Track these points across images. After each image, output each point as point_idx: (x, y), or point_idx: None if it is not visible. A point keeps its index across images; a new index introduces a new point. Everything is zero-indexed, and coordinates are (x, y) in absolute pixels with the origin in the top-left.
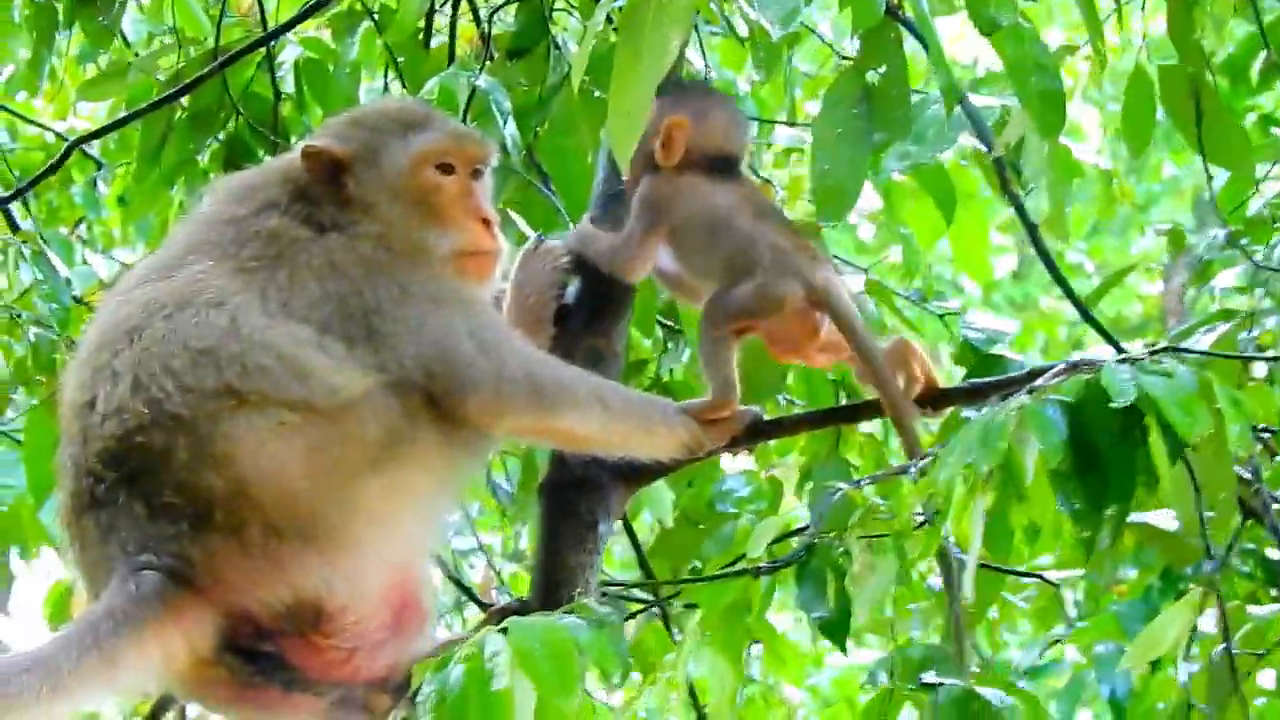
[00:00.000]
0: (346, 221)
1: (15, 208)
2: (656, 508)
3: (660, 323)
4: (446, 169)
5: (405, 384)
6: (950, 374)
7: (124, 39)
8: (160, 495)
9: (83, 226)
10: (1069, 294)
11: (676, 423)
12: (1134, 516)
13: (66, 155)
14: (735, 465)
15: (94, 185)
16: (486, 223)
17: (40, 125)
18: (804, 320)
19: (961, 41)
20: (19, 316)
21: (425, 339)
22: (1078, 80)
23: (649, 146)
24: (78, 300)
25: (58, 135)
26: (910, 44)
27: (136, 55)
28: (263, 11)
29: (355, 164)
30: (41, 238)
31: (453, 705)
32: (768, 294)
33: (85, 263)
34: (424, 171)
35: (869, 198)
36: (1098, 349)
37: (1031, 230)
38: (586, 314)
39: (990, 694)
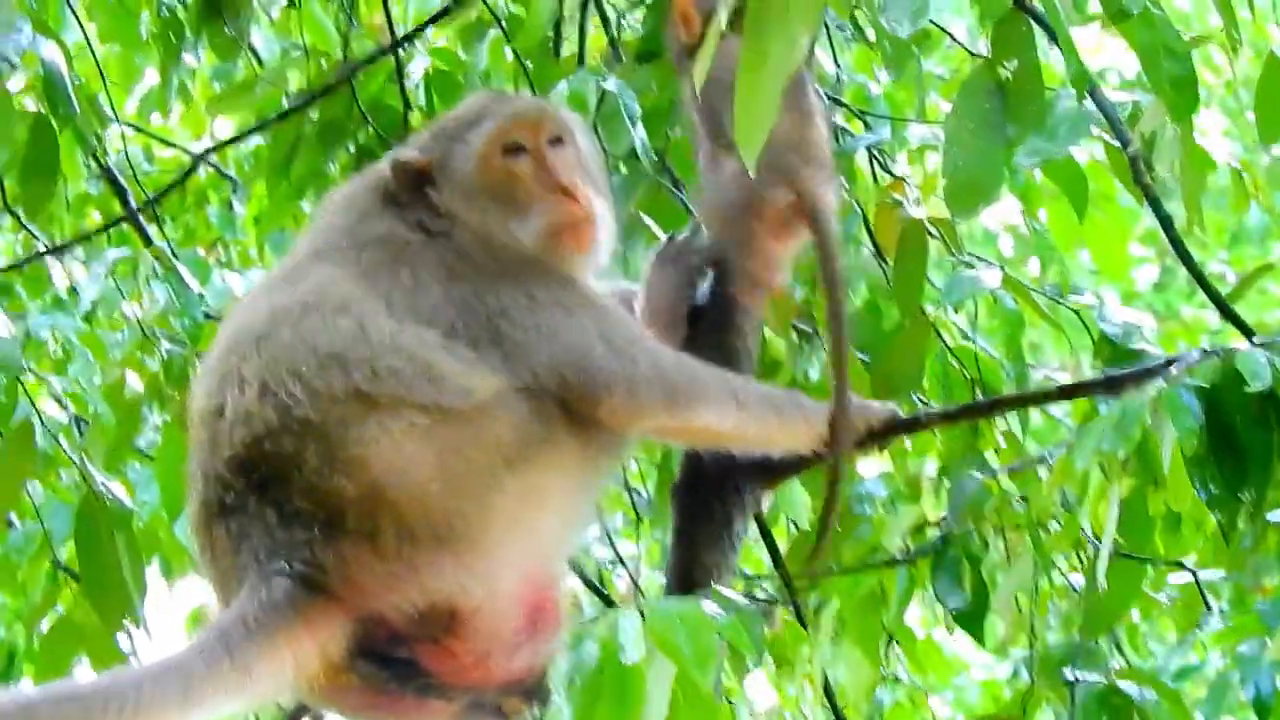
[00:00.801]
0: (443, 229)
1: (151, 230)
2: (793, 510)
3: (795, 326)
4: (515, 150)
5: (537, 389)
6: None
7: (254, 53)
8: (291, 501)
9: (219, 247)
10: (1204, 286)
11: (813, 417)
12: (1274, 516)
13: (195, 166)
14: (872, 467)
15: (230, 205)
16: (568, 190)
17: (173, 145)
18: (780, 233)
19: (1098, 54)
20: (152, 334)
21: (557, 345)
22: (1219, 77)
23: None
24: (211, 317)
25: (191, 155)
26: (1045, 45)
27: (265, 68)
28: (390, 22)
29: (435, 174)
30: (173, 253)
31: (585, 680)
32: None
33: (223, 281)
34: (492, 162)
35: (1008, 209)
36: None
37: (1166, 222)
38: (718, 313)
39: (1131, 689)
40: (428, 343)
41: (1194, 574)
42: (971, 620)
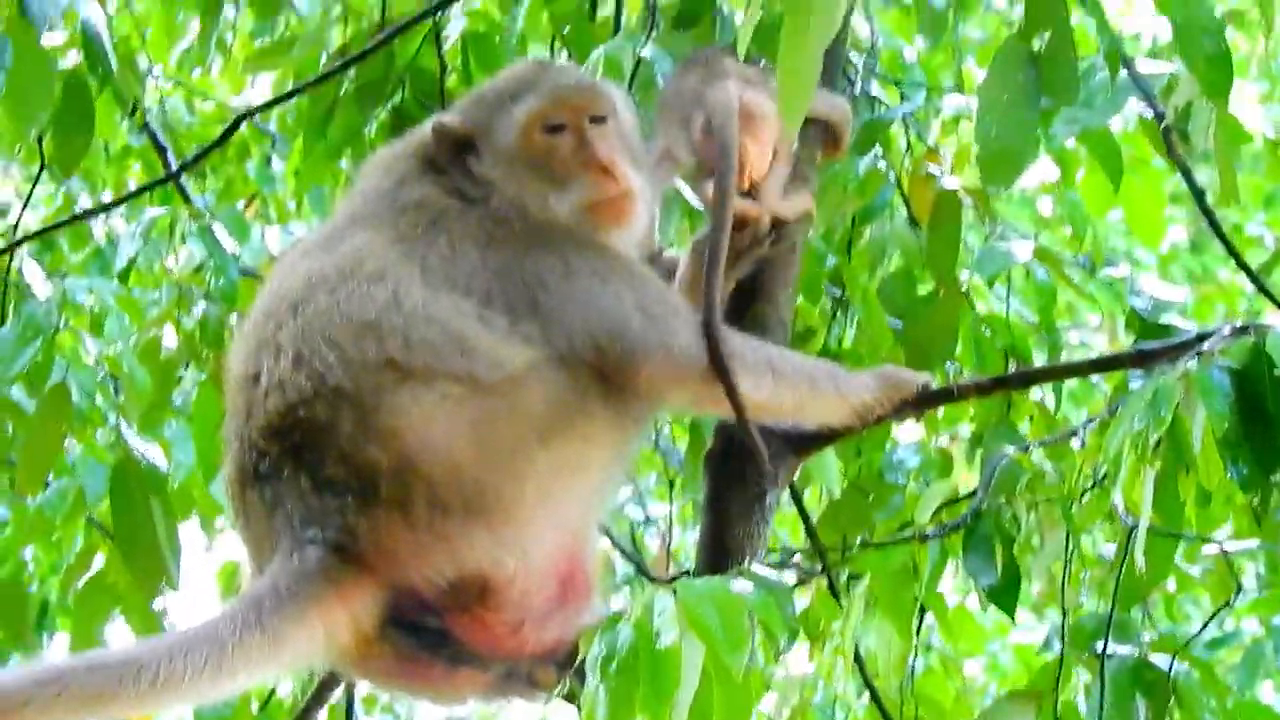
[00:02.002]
0: (481, 196)
1: (190, 182)
2: (825, 478)
3: (828, 291)
4: (556, 129)
5: (572, 358)
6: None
7: (295, 11)
8: (324, 469)
9: (257, 201)
10: (1238, 260)
11: (846, 388)
12: None
13: (234, 128)
14: (905, 435)
15: (268, 160)
16: (607, 168)
17: (214, 100)
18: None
19: (1128, 17)
20: (188, 293)
21: (594, 314)
22: (1252, 49)
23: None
24: (247, 274)
25: (233, 110)
26: (1079, 16)
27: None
28: None
29: (478, 141)
30: (209, 213)
31: (621, 664)
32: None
33: (263, 238)
34: (533, 137)
35: (1046, 169)
36: (1272, 317)
37: (1199, 195)
38: (753, 280)
39: (1163, 662)
40: (463, 312)
41: (1224, 551)
42: (1003, 597)
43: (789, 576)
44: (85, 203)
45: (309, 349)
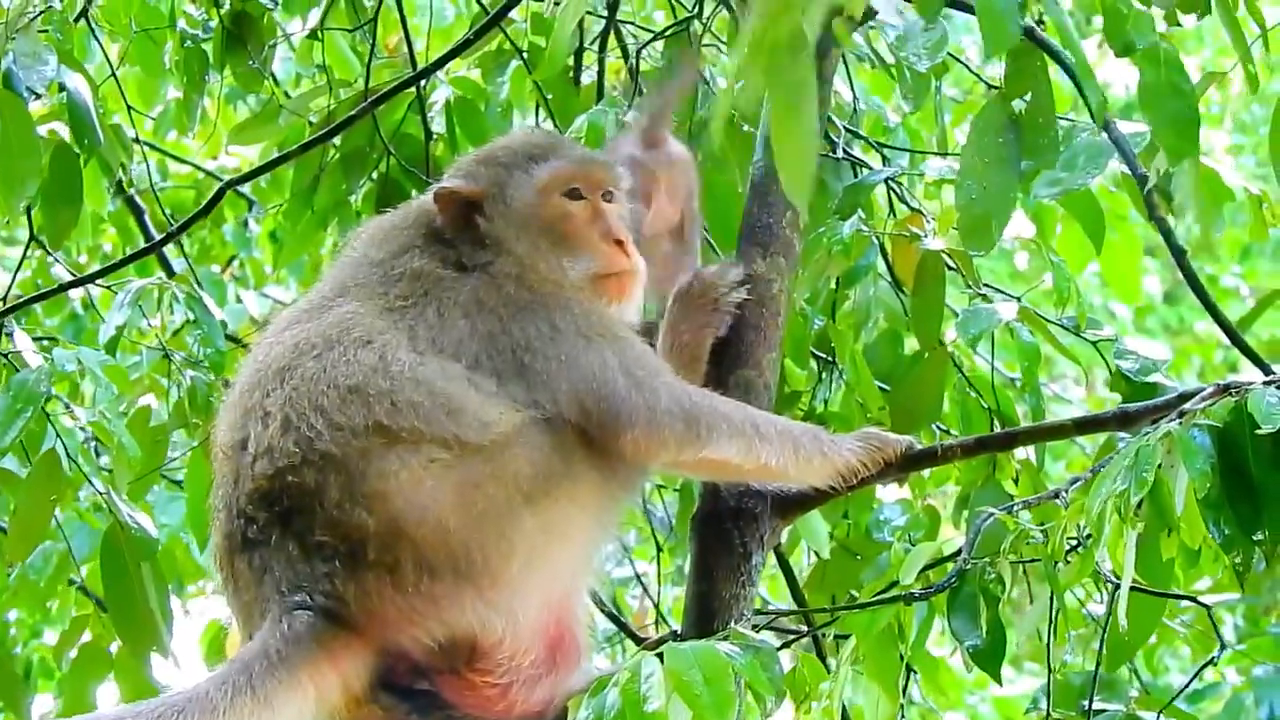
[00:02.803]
0: (484, 261)
1: (168, 248)
2: (813, 539)
3: (814, 354)
4: (575, 195)
5: (557, 420)
6: (1102, 401)
7: (273, 79)
8: (313, 534)
9: (235, 264)
10: (1218, 319)
11: (831, 451)
12: None
13: (218, 197)
14: (891, 495)
15: (245, 224)
16: (620, 244)
17: (192, 165)
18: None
19: (1098, 68)
20: (172, 358)
21: (578, 376)
22: (1228, 104)
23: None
24: (231, 339)
25: (208, 174)
26: (1056, 72)
27: (287, 95)
28: (411, 52)
29: (486, 202)
30: (196, 280)
31: None
32: None
33: (239, 300)
34: (552, 200)
35: (1023, 225)
36: (1250, 373)
37: (1179, 256)
38: (737, 345)
39: (1149, 718)
40: (450, 375)
41: (1208, 608)
42: (989, 659)
43: (772, 638)
44: (60, 267)
45: (296, 414)
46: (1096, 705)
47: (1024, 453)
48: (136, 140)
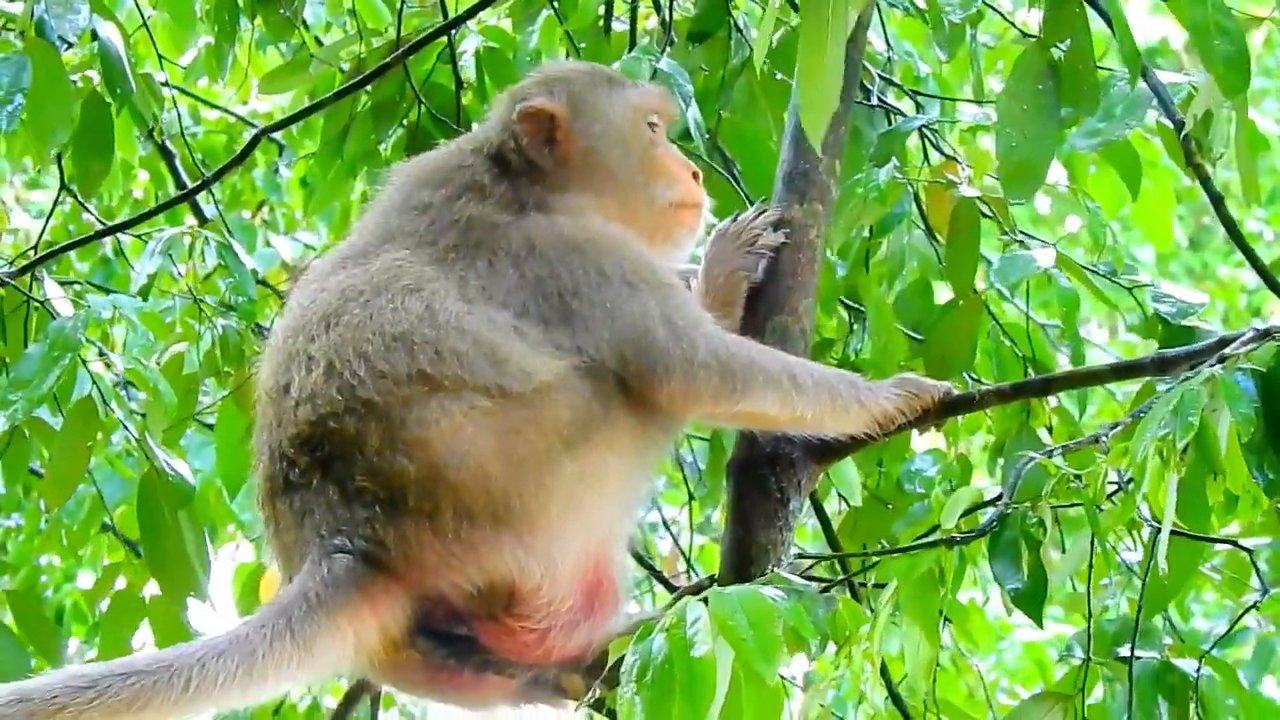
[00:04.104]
0: (555, 189)
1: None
2: (845, 488)
3: (844, 302)
4: (653, 125)
5: (599, 368)
6: (1133, 347)
7: (305, 25)
8: (353, 479)
9: (265, 209)
10: (1252, 260)
11: (867, 399)
12: None
13: (252, 146)
14: (924, 444)
15: (276, 169)
16: (696, 175)
17: (223, 109)
18: None
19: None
20: (202, 306)
21: (620, 323)
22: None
23: None
24: (262, 284)
25: (240, 119)
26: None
27: (319, 43)
28: (442, 1)
29: (573, 120)
30: (226, 228)
31: (656, 673)
32: None
33: (269, 244)
34: (641, 125)
35: (1053, 170)
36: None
37: (1218, 203)
38: (774, 291)
39: (1186, 666)
40: (496, 323)
41: (1250, 552)
42: (1030, 602)
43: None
44: (91, 213)
45: (340, 361)
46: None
47: (1056, 402)
48: (165, 84)
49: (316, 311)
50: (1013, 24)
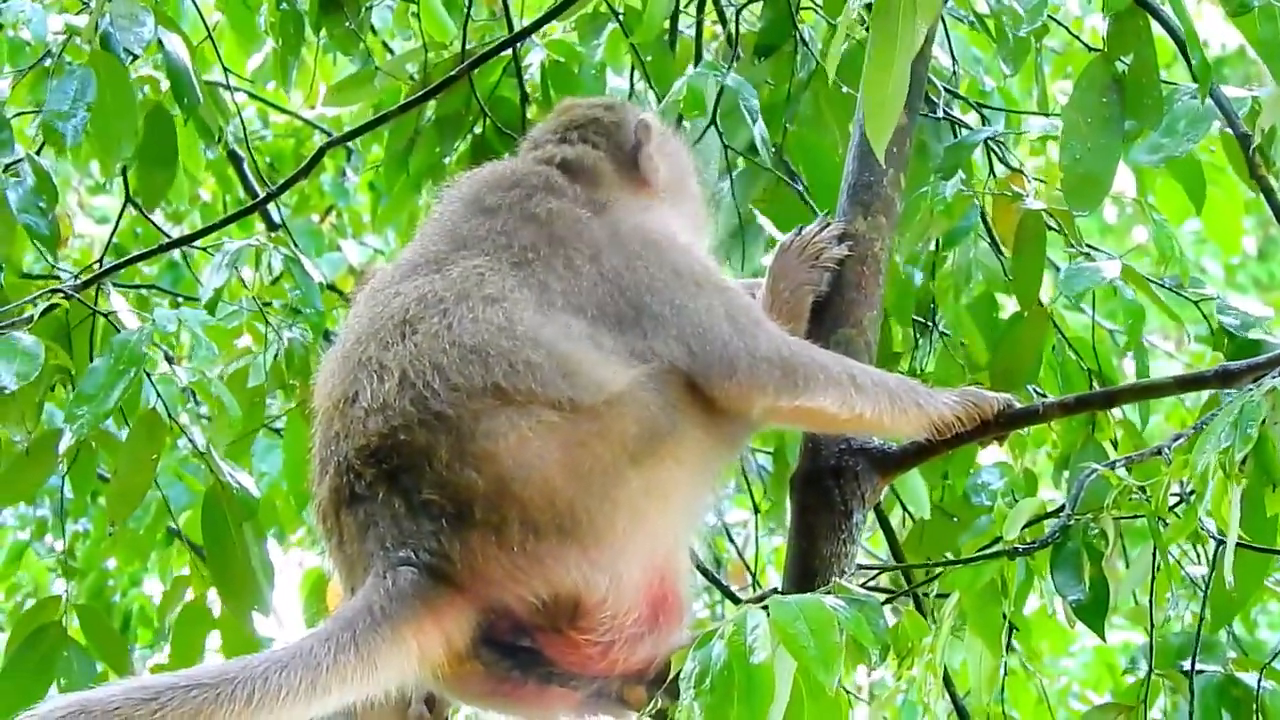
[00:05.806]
0: (631, 194)
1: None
2: (911, 501)
3: (914, 318)
4: None
5: (669, 373)
6: (1202, 355)
7: (372, 30)
8: (420, 492)
9: (332, 213)
10: None
11: (927, 403)
12: None
13: (320, 156)
14: (989, 458)
15: (343, 174)
16: None
17: (291, 113)
18: None
19: (1197, 21)
20: (269, 319)
21: (687, 321)
22: None
23: None
24: (329, 288)
25: (307, 123)
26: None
27: (386, 48)
28: (508, 14)
29: (664, 141)
30: (294, 242)
31: (715, 680)
32: None
33: (337, 248)
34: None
35: (1120, 180)
36: None
37: None
38: (838, 304)
39: (1250, 679)
40: (572, 332)
41: None
42: (1092, 613)
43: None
44: (159, 217)
45: (414, 372)
46: (1196, 666)
47: (1121, 413)
48: (227, 87)
49: (391, 319)
50: (1077, 37)
